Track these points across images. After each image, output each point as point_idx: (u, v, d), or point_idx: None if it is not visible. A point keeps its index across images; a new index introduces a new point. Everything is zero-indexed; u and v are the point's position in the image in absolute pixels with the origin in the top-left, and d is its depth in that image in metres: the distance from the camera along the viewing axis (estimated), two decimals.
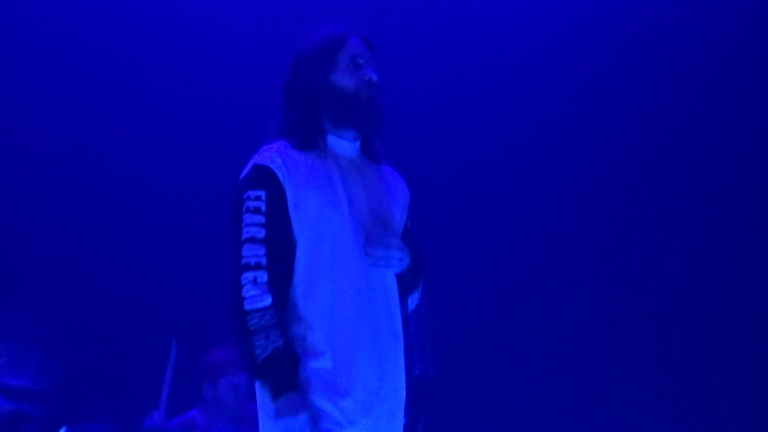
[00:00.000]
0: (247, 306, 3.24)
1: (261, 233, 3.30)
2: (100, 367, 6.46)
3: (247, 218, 3.32)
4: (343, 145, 3.47)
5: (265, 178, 3.34)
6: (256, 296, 3.24)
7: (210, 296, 6.26)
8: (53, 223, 6.52)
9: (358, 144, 3.50)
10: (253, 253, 3.28)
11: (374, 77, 3.44)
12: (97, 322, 6.48)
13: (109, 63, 6.45)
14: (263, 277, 3.26)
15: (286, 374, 3.20)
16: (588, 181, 6.51)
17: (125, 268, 6.51)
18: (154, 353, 6.32)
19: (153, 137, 6.49)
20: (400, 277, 3.47)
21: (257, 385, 3.28)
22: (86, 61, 6.45)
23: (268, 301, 3.24)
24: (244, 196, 3.35)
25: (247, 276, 3.27)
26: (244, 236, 3.31)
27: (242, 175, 3.41)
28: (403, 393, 3.42)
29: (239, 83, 6.46)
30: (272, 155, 3.38)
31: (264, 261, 3.27)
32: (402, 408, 3.42)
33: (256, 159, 3.41)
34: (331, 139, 3.46)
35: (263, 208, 3.32)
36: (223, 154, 6.30)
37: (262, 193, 3.33)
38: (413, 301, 3.60)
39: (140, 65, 6.47)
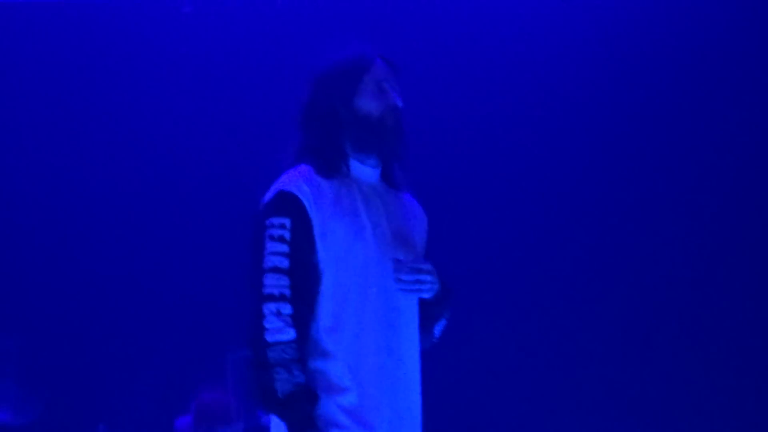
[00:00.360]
0: (269, 338, 3.13)
1: (285, 263, 3.18)
2: (81, 402, 6.34)
3: (270, 246, 3.20)
4: (365, 171, 3.38)
5: (291, 205, 3.22)
6: (279, 328, 3.14)
7: (199, 330, 6.24)
8: (31, 254, 6.42)
9: (379, 170, 3.41)
10: (276, 284, 3.17)
11: (399, 103, 3.35)
12: (78, 354, 6.37)
13: (117, 74, 6.42)
14: (287, 309, 3.16)
15: (307, 412, 3.11)
16: (590, 200, 6.52)
17: (106, 301, 6.42)
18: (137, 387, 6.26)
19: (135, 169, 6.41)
20: (426, 305, 3.38)
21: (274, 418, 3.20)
22: (90, 70, 6.42)
23: (291, 334, 3.14)
24: (267, 222, 3.23)
25: (270, 307, 3.16)
26: (267, 265, 3.19)
27: (265, 200, 3.30)
28: (419, 425, 3.35)
29: (250, 102, 6.43)
30: (298, 182, 3.26)
31: (288, 292, 3.17)
32: None
33: (280, 185, 3.29)
34: (353, 165, 3.36)
35: (287, 237, 3.20)
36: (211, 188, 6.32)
37: (286, 221, 3.21)
38: (439, 329, 3.49)
39: (150, 77, 6.43)
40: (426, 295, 3.31)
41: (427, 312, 3.39)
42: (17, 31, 6.31)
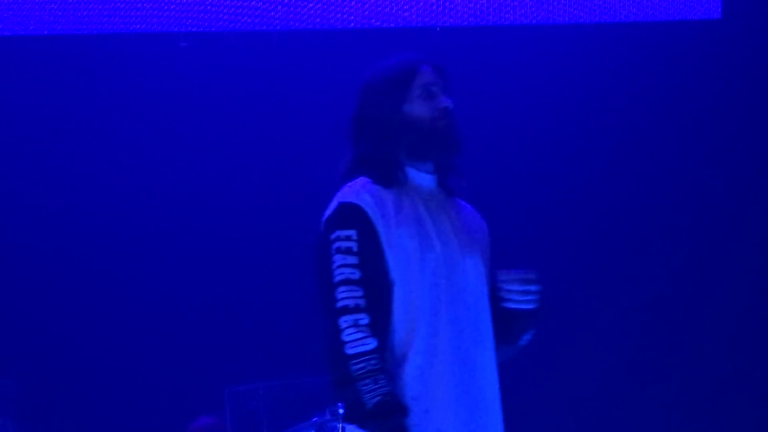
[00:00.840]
0: (350, 350, 3.08)
1: (356, 274, 3.14)
2: None
3: (339, 259, 3.16)
4: (423, 177, 3.35)
5: (354, 216, 3.19)
6: (359, 340, 3.09)
7: (197, 364, 6.21)
8: (29, 288, 6.34)
9: (435, 176, 3.38)
10: (350, 295, 3.12)
11: (449, 104, 3.33)
12: (73, 386, 6.31)
13: (115, 108, 6.38)
14: (364, 319, 3.10)
15: (398, 421, 3.07)
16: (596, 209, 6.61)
17: (104, 332, 6.36)
18: (134, 422, 6.22)
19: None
20: (519, 315, 3.29)
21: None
22: (88, 104, 6.38)
23: (372, 344, 3.09)
24: (333, 236, 3.18)
25: (347, 319, 3.10)
26: (338, 278, 3.14)
27: (326, 216, 3.25)
28: None
29: (246, 134, 6.43)
30: (359, 193, 3.23)
31: (363, 303, 3.11)
32: None
33: (341, 197, 3.25)
34: (410, 172, 3.33)
35: (355, 248, 3.16)
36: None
37: (352, 233, 3.17)
38: (526, 339, 3.42)
39: (148, 111, 6.40)
40: (530, 306, 3.25)
41: (519, 323, 3.33)
42: (16, 65, 6.28)
